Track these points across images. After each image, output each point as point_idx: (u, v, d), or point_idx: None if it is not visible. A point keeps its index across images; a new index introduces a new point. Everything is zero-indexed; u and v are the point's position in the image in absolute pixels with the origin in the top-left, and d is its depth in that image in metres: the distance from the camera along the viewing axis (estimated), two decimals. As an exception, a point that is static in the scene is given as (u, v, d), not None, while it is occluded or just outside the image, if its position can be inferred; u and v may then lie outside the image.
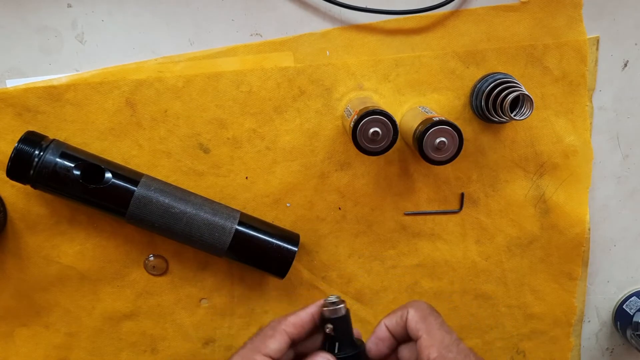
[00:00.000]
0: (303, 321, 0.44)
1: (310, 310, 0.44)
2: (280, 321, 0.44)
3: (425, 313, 0.42)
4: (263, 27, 0.55)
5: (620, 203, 0.62)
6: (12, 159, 0.49)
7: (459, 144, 0.49)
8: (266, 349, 0.42)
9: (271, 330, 0.44)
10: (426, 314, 0.42)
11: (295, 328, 0.43)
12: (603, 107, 0.59)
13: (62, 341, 0.58)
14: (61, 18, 0.53)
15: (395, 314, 0.44)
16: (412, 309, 0.43)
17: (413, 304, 0.44)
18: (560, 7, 0.56)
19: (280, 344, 0.42)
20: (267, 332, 0.44)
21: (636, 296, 0.63)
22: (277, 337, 0.43)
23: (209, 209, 0.53)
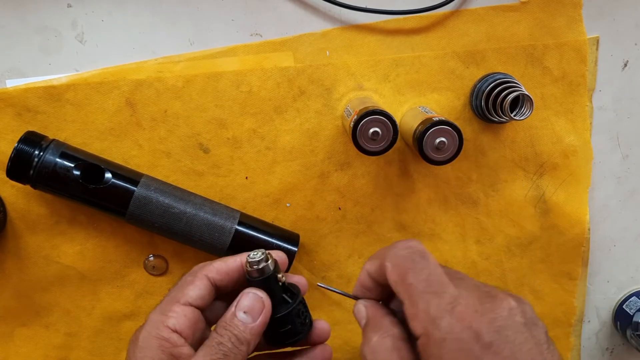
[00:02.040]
0: (230, 268, 0.40)
1: (240, 259, 0.40)
2: (203, 266, 0.40)
3: (404, 269, 0.33)
4: (263, 27, 0.55)
5: (620, 203, 0.62)
6: (12, 159, 0.49)
7: (459, 144, 0.49)
8: (184, 297, 0.38)
9: (191, 276, 0.40)
10: (406, 270, 0.33)
11: (220, 274, 0.40)
12: (603, 107, 0.59)
13: (62, 341, 0.58)
14: (61, 18, 0.53)
15: (375, 261, 0.36)
16: (389, 263, 0.34)
17: (390, 252, 0.34)
18: (560, 7, 0.56)
19: (200, 290, 0.39)
20: (186, 279, 0.40)
21: (636, 296, 0.63)
22: (197, 283, 0.39)
23: (208, 209, 0.53)
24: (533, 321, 0.31)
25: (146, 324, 0.38)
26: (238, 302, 0.38)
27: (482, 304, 0.31)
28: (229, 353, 0.37)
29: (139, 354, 0.36)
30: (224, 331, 0.37)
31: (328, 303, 0.61)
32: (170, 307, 0.38)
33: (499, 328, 0.30)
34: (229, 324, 0.38)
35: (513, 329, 0.30)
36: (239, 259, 0.40)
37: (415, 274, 0.32)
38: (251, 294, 0.38)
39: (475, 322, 0.30)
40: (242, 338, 0.37)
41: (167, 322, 0.37)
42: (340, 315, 0.61)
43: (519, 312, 0.31)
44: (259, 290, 0.39)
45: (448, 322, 0.30)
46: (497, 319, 0.30)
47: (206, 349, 0.37)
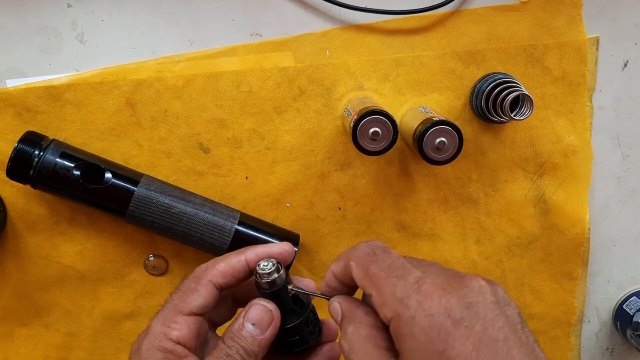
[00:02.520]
0: (234, 269, 0.38)
1: (245, 257, 0.38)
2: (207, 270, 0.38)
3: (367, 263, 0.33)
4: (263, 27, 0.55)
5: (620, 203, 0.62)
6: (12, 159, 0.49)
7: (459, 144, 0.49)
8: (188, 307, 0.37)
9: (194, 282, 0.38)
10: (368, 264, 0.33)
11: (224, 277, 0.38)
12: (603, 107, 0.59)
13: (62, 341, 0.58)
14: (61, 18, 0.53)
15: (340, 262, 0.36)
16: (353, 262, 0.34)
17: (354, 253, 0.35)
18: (560, 7, 0.56)
19: (204, 299, 0.37)
20: (189, 285, 0.38)
21: (636, 296, 0.63)
22: (201, 291, 0.37)
23: (209, 209, 0.53)
24: (505, 301, 0.31)
25: (149, 334, 0.36)
26: (246, 313, 0.37)
27: (450, 283, 0.30)
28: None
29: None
30: (232, 342, 0.36)
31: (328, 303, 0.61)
32: (173, 317, 0.36)
33: (469, 304, 0.29)
34: (236, 336, 0.36)
35: (483, 306, 0.29)
36: (243, 257, 0.38)
37: (377, 264, 0.33)
38: (260, 305, 0.37)
39: (444, 298, 0.29)
40: (249, 351, 0.36)
41: (170, 334, 0.36)
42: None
43: (489, 291, 0.30)
44: (268, 301, 0.37)
45: (416, 299, 0.30)
46: (466, 296, 0.30)
47: None
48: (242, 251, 0.39)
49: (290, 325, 0.38)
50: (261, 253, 0.38)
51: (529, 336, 0.30)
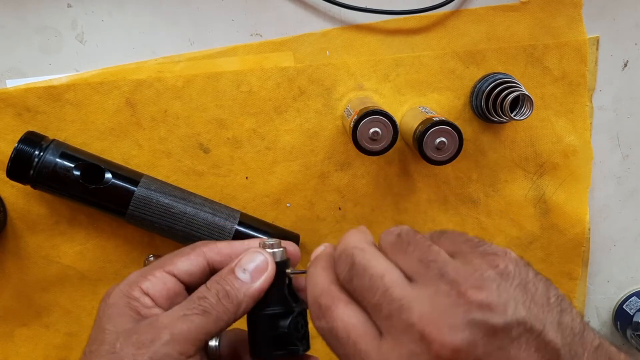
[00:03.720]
0: (234, 252, 0.36)
1: (249, 244, 0.36)
2: (206, 244, 0.36)
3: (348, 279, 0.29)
4: (263, 27, 0.55)
5: (620, 203, 0.62)
6: (12, 159, 0.49)
7: (459, 144, 0.49)
8: (170, 265, 0.34)
9: (189, 249, 0.36)
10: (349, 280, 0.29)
11: (220, 256, 0.36)
12: (603, 107, 0.59)
13: (62, 341, 0.58)
14: (61, 18, 0.53)
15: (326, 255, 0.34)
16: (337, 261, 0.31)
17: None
18: (560, 7, 0.56)
19: (191, 265, 0.35)
20: (183, 250, 0.36)
21: (636, 296, 0.63)
22: (192, 257, 0.35)
23: (209, 209, 0.53)
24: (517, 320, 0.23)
25: (122, 282, 0.35)
26: (239, 260, 0.34)
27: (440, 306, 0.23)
28: (211, 310, 0.32)
29: (107, 310, 0.34)
30: (213, 284, 0.33)
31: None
32: (152, 270, 0.34)
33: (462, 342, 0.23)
34: (222, 279, 0.34)
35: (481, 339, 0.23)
36: (247, 244, 0.36)
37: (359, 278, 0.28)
38: (256, 253, 0.34)
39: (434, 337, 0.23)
40: (232, 295, 0.33)
41: (141, 283, 0.34)
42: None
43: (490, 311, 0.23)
44: (265, 251, 0.35)
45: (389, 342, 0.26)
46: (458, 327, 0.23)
47: (184, 302, 0.33)
48: (248, 240, 0.37)
49: (278, 311, 0.34)
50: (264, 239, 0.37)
51: None
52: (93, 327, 0.34)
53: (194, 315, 0.32)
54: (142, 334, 0.32)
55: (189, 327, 0.32)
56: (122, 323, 0.33)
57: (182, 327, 0.31)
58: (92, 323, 0.57)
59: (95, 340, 0.33)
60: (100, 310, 0.34)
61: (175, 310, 0.33)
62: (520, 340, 0.22)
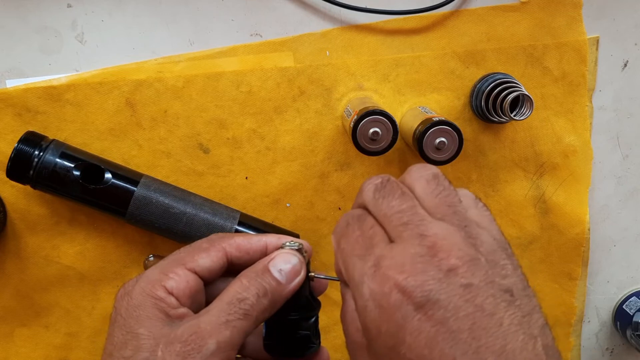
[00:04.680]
0: (252, 248, 0.35)
1: (266, 240, 0.35)
2: (223, 237, 0.35)
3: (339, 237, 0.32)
4: (263, 27, 0.55)
5: (620, 203, 0.62)
6: (12, 159, 0.49)
7: (459, 144, 0.49)
8: (192, 263, 0.33)
9: (207, 243, 0.35)
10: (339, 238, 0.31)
11: (239, 252, 0.35)
12: (603, 107, 0.59)
13: (62, 341, 0.58)
14: (61, 18, 0.53)
15: None
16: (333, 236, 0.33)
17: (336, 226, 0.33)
18: (560, 7, 0.56)
19: (212, 262, 0.34)
20: (201, 245, 0.35)
21: (636, 296, 0.63)
22: (212, 253, 0.34)
23: (208, 209, 0.53)
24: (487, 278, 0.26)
25: (141, 279, 0.33)
26: (273, 258, 0.33)
27: (414, 263, 0.26)
28: (251, 311, 0.31)
29: (134, 312, 0.32)
30: (252, 282, 0.32)
31: (329, 303, 0.61)
32: (174, 268, 0.33)
33: (428, 292, 0.25)
34: (260, 277, 0.32)
35: (447, 292, 0.25)
36: (264, 239, 0.35)
37: (346, 238, 0.31)
38: (291, 255, 0.33)
39: (399, 285, 0.26)
40: (270, 294, 0.32)
41: (165, 282, 0.32)
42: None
43: (464, 271, 0.26)
44: (299, 254, 0.34)
45: (368, 287, 0.27)
46: (427, 282, 0.26)
47: (223, 304, 0.31)
48: (263, 234, 0.36)
49: (302, 316, 0.35)
50: (285, 238, 0.36)
51: (518, 310, 0.26)
52: (115, 328, 0.32)
53: (237, 320, 0.31)
54: (187, 343, 0.30)
55: (232, 334, 0.31)
56: (156, 327, 0.31)
57: (226, 334, 0.30)
58: (92, 323, 0.58)
59: (128, 345, 0.31)
60: (124, 310, 0.32)
61: (216, 315, 0.31)
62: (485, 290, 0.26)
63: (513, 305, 0.26)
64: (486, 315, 0.25)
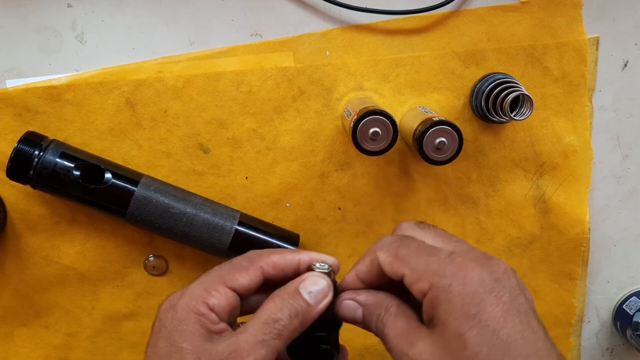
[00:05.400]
0: (287, 265, 0.37)
1: (299, 257, 0.38)
2: (261, 255, 0.37)
3: (395, 249, 0.35)
4: (263, 27, 0.55)
5: (620, 203, 0.62)
6: (12, 159, 0.49)
7: (459, 144, 0.49)
8: (233, 281, 0.36)
9: (247, 262, 0.37)
10: (396, 249, 0.35)
11: (275, 270, 0.37)
12: (603, 107, 0.59)
13: (62, 341, 0.58)
14: (61, 18, 0.53)
15: (364, 262, 0.37)
16: (381, 252, 0.36)
17: (378, 245, 0.37)
18: (560, 7, 0.56)
19: (251, 280, 0.36)
20: (241, 263, 0.37)
21: (636, 296, 0.63)
22: (250, 272, 0.36)
23: (208, 209, 0.53)
24: (523, 286, 0.35)
25: (185, 294, 0.35)
26: (303, 280, 0.36)
27: (480, 259, 0.34)
28: (284, 331, 0.34)
29: (178, 326, 0.34)
30: (285, 304, 0.34)
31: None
32: (216, 285, 0.35)
33: (498, 279, 0.33)
34: (292, 298, 0.35)
35: (509, 283, 0.34)
36: (297, 257, 0.38)
37: (406, 247, 0.35)
38: (320, 278, 0.36)
39: (476, 270, 0.33)
40: (301, 315, 0.34)
41: (208, 299, 0.35)
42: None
43: (512, 275, 0.35)
44: (324, 276, 0.36)
45: (450, 270, 0.33)
46: (494, 272, 0.34)
47: (259, 324, 0.34)
48: (297, 250, 0.39)
49: (326, 334, 0.37)
50: (316, 258, 0.38)
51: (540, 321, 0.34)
52: (160, 339, 0.34)
53: (271, 340, 0.33)
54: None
55: (267, 352, 0.33)
56: (198, 342, 0.33)
57: (262, 353, 0.33)
58: (92, 323, 0.58)
59: (172, 357, 0.33)
60: (169, 323, 0.34)
61: (253, 334, 0.33)
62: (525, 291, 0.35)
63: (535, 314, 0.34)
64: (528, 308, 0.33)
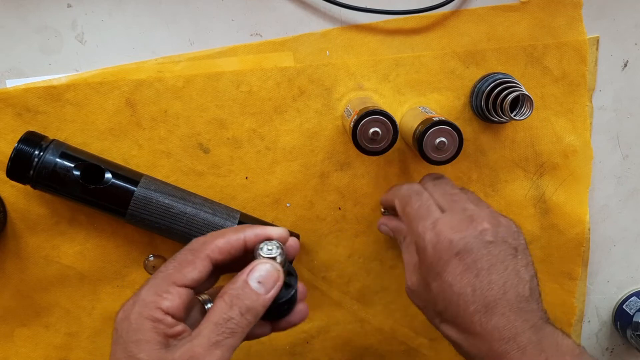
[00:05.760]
0: (232, 247, 0.38)
1: (244, 236, 0.38)
2: (205, 243, 0.37)
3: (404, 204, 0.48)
4: (263, 27, 0.55)
5: (620, 203, 0.62)
6: (12, 159, 0.49)
7: (459, 144, 0.49)
8: (182, 279, 0.36)
9: (191, 255, 0.37)
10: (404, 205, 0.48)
11: (222, 254, 0.37)
12: (603, 107, 0.59)
13: (62, 341, 0.58)
14: (61, 18, 0.53)
15: (388, 196, 0.52)
16: (397, 200, 0.49)
17: (399, 192, 0.50)
18: (560, 7, 0.56)
19: (200, 272, 0.36)
20: (186, 257, 0.37)
21: (636, 296, 0.63)
22: (197, 264, 0.36)
23: (209, 209, 0.53)
24: (502, 239, 0.42)
25: (138, 302, 0.35)
26: (251, 271, 0.36)
27: (460, 224, 0.43)
28: (237, 328, 0.34)
29: (133, 336, 0.34)
30: (234, 301, 0.35)
31: (328, 303, 0.61)
32: (166, 287, 0.35)
33: (467, 243, 0.42)
34: (241, 293, 0.35)
35: (477, 244, 0.41)
36: (242, 236, 0.38)
37: (410, 206, 0.47)
38: (268, 264, 0.37)
39: (449, 237, 0.42)
40: (252, 309, 0.35)
41: (160, 304, 0.35)
42: (340, 315, 0.61)
43: (489, 232, 0.42)
44: (274, 261, 0.37)
45: (429, 235, 0.43)
46: (466, 237, 0.42)
47: (211, 326, 0.34)
48: (241, 229, 0.38)
49: (286, 298, 0.39)
50: (261, 235, 0.39)
51: (519, 262, 0.42)
52: (118, 349, 0.34)
53: (225, 340, 0.34)
54: None
55: (223, 352, 0.34)
56: (154, 351, 0.33)
57: (217, 354, 0.33)
58: (92, 323, 0.58)
59: None
60: (124, 334, 0.34)
61: (206, 337, 0.34)
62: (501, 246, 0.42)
63: (516, 258, 0.42)
64: (498, 261, 0.41)
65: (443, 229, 0.43)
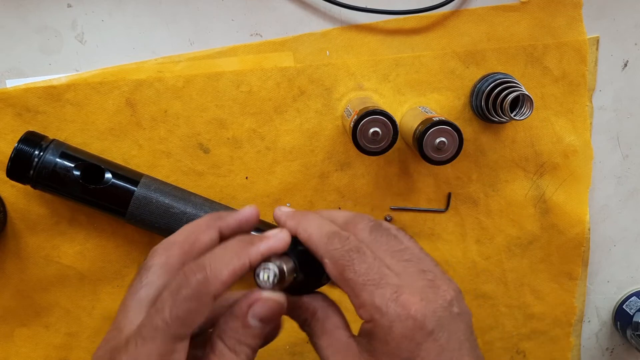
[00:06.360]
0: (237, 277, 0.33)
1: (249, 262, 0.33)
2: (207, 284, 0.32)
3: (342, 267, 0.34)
4: (263, 27, 0.55)
5: (620, 203, 0.62)
6: (12, 159, 0.49)
7: (459, 144, 0.49)
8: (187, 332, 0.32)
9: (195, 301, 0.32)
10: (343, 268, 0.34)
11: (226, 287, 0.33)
12: (603, 107, 0.59)
13: (62, 341, 0.58)
14: (61, 18, 0.53)
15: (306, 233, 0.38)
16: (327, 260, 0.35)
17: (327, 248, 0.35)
18: (560, 7, 0.56)
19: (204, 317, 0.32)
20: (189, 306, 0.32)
21: (636, 296, 0.63)
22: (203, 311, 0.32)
23: (208, 209, 0.53)
24: (464, 309, 0.35)
25: None
26: (250, 307, 0.33)
27: (426, 293, 0.34)
28: None
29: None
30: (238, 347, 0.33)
31: (328, 303, 0.61)
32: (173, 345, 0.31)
33: (440, 318, 0.33)
34: (242, 336, 0.33)
35: (449, 319, 0.33)
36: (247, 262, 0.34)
37: (352, 271, 0.34)
38: (270, 301, 0.33)
39: (420, 311, 0.32)
40: (258, 345, 0.33)
41: None
42: (340, 315, 0.61)
43: (455, 303, 0.34)
44: (275, 292, 0.34)
45: (394, 309, 0.32)
46: (437, 309, 0.33)
47: None
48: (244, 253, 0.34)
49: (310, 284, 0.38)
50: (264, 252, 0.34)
51: (475, 339, 0.35)
52: None
53: None
54: None
55: None
56: None
57: None
58: (92, 323, 0.58)
59: None
60: None
61: None
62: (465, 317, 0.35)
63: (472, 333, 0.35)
64: (465, 338, 0.34)
65: (410, 301, 0.32)
